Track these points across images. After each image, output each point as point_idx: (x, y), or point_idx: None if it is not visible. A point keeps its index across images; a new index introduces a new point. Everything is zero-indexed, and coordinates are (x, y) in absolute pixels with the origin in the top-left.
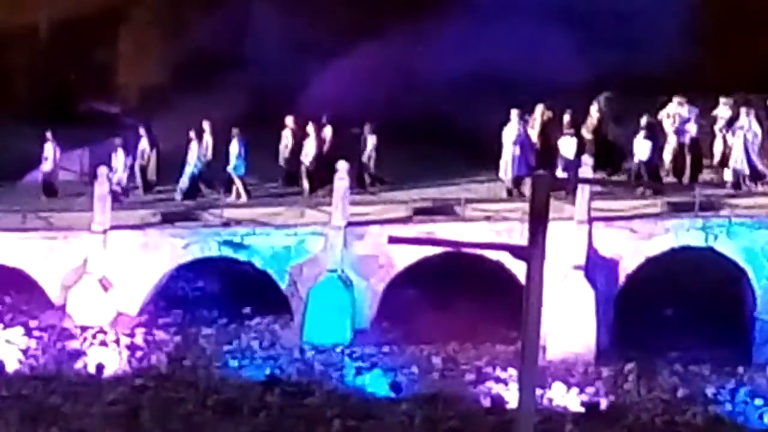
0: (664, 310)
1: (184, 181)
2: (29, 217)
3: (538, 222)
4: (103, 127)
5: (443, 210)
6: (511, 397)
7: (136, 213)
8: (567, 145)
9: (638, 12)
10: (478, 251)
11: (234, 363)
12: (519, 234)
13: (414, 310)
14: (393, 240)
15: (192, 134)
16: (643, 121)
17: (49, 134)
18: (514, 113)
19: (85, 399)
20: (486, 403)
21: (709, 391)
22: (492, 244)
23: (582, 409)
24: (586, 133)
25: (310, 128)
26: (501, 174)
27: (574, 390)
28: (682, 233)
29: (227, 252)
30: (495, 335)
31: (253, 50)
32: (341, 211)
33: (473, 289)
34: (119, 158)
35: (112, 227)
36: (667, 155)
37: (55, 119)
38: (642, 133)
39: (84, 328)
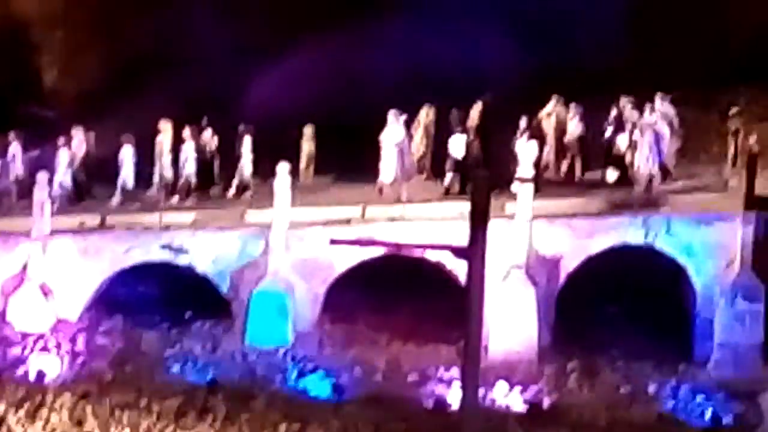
0: (605, 308)
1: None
2: None
3: (478, 221)
4: (41, 132)
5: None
6: (455, 397)
7: (75, 218)
8: (457, 145)
9: (573, 9)
10: (419, 252)
11: (177, 368)
12: (460, 234)
13: (356, 312)
14: (334, 242)
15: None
16: (523, 122)
17: None
18: (392, 115)
19: (29, 407)
20: (429, 404)
21: (651, 388)
22: (433, 244)
23: (525, 408)
24: (469, 135)
25: (187, 132)
26: (381, 177)
27: (517, 389)
28: (622, 231)
29: (168, 256)
30: (437, 336)
31: (190, 52)
32: (282, 214)
33: (415, 290)
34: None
35: (52, 232)
36: (549, 155)
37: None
38: (525, 135)
39: (24, 335)
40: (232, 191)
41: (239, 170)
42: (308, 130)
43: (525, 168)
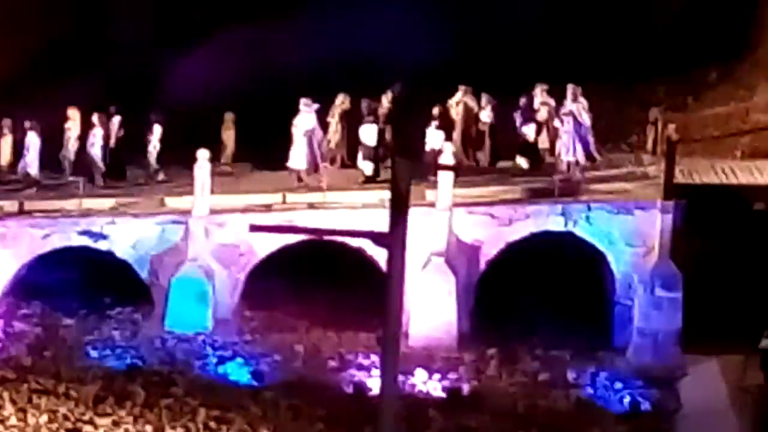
0: (524, 296)
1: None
2: None
3: (398, 209)
4: None
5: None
6: (374, 383)
7: None
8: (368, 133)
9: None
10: (340, 239)
11: (95, 353)
12: (380, 221)
13: (276, 298)
14: (254, 228)
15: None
16: (435, 110)
17: None
18: (302, 103)
19: None
20: (349, 389)
21: (570, 375)
22: (353, 231)
23: (444, 395)
24: (381, 123)
25: (95, 118)
26: (291, 164)
27: (437, 376)
28: (542, 219)
29: (87, 242)
30: (357, 322)
31: (110, 39)
32: (202, 200)
33: (335, 276)
34: None
35: None
36: (456, 143)
37: None
38: (434, 123)
39: None
40: (138, 175)
41: (149, 157)
42: (228, 117)
43: (445, 156)
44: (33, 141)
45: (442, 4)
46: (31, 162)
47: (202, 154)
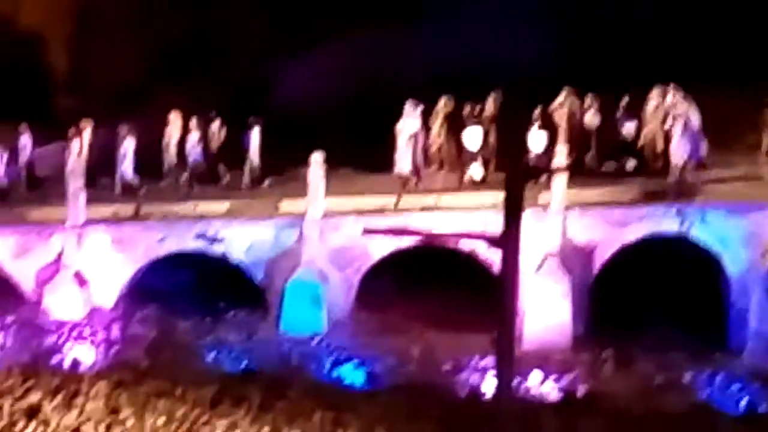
0: (639, 298)
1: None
2: (2, 211)
3: (512, 211)
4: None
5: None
6: (489, 386)
7: (110, 208)
8: (473, 136)
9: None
10: (453, 241)
11: (211, 357)
12: (494, 223)
13: (390, 300)
14: (368, 231)
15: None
16: (536, 113)
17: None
18: (408, 105)
19: (64, 395)
20: (464, 393)
21: (686, 377)
22: (467, 233)
23: (559, 398)
24: (487, 125)
25: (193, 123)
26: (398, 167)
27: (552, 378)
28: (656, 220)
29: (202, 245)
30: (471, 324)
31: (225, 45)
32: (316, 203)
33: (449, 278)
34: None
35: (87, 222)
36: (561, 146)
37: (33, 116)
38: (536, 125)
39: (60, 324)
40: (245, 180)
41: (249, 161)
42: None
43: (558, 158)
44: (129, 146)
45: (550, 3)
46: (127, 167)
47: (316, 158)
